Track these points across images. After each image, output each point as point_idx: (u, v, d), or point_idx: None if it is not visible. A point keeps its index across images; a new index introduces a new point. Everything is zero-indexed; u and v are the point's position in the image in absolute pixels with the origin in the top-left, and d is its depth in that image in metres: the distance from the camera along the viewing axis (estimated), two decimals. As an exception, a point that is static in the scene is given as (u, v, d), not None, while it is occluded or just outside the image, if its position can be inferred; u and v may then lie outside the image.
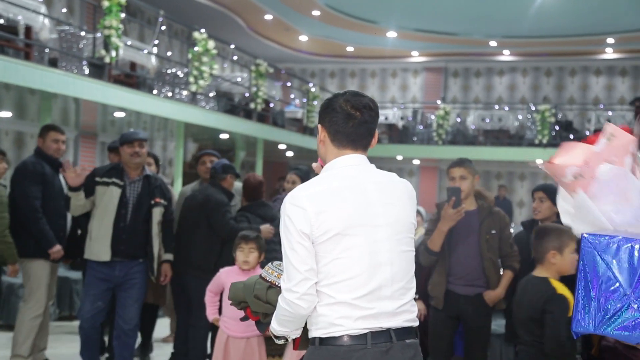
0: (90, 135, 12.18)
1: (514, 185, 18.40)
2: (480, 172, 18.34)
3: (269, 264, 2.42)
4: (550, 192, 4.23)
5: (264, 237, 4.96)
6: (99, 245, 4.61)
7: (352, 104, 2.21)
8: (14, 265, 4.99)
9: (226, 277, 4.15)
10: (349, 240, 2.11)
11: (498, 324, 5.00)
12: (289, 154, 16.32)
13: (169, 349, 5.81)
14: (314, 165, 2.51)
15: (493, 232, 4.19)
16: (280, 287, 2.24)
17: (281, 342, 2.30)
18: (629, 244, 1.74)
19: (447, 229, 4.06)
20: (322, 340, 2.13)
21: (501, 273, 4.32)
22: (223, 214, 5.03)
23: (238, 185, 5.75)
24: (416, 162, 18.40)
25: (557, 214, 4.14)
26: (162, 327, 6.75)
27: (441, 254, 4.18)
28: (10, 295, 6.63)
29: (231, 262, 4.45)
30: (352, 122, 2.20)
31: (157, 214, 4.80)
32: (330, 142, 2.24)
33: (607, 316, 1.72)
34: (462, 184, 4.14)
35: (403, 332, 2.17)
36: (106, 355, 5.56)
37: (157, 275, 4.88)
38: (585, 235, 1.79)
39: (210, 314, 4.30)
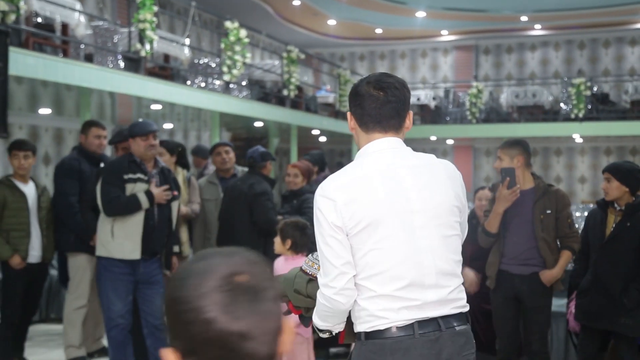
0: (126, 129, 12.31)
1: (550, 161, 18.15)
2: (516, 149, 18.09)
3: (310, 255, 2.33)
4: (615, 171, 4.13)
5: None
6: (127, 243, 4.43)
7: (374, 85, 2.14)
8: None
9: (282, 267, 4.03)
10: (384, 229, 2.03)
11: (560, 304, 4.92)
12: (322, 139, 16.30)
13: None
14: None
15: (548, 212, 4.10)
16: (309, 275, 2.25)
17: (326, 335, 2.24)
18: None
19: (502, 210, 4.03)
20: (368, 335, 2.06)
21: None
22: (263, 203, 5.05)
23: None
24: (450, 142, 18.25)
25: (629, 192, 4.09)
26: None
27: (498, 235, 4.15)
28: (61, 289, 6.76)
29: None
30: (376, 103, 2.13)
31: (175, 207, 4.71)
32: (359, 127, 2.17)
33: None
34: (500, 164, 4.12)
35: (452, 319, 2.10)
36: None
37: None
38: None
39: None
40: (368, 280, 2.04)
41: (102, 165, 5.31)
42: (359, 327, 2.08)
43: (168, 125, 13.19)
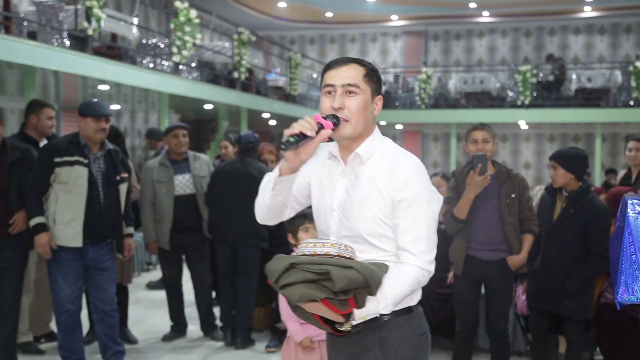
0: (72, 110, 11.99)
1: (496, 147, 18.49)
2: (462, 135, 18.45)
3: (318, 241, 2.08)
4: (560, 159, 4.23)
5: None
6: (68, 230, 4.31)
7: None
8: None
9: None
10: None
11: None
12: (272, 122, 16.21)
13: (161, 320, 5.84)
14: (310, 124, 2.03)
15: (513, 195, 4.18)
16: (349, 259, 2.05)
17: (348, 328, 2.08)
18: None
19: (474, 195, 4.06)
20: (417, 305, 2.20)
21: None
22: None
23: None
24: (399, 127, 18.39)
25: (575, 178, 4.20)
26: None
27: (466, 221, 4.17)
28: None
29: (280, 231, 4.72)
30: None
31: (123, 190, 4.61)
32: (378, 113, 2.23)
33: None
34: (484, 147, 4.13)
35: None
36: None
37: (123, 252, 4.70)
38: (633, 200, 1.71)
39: (299, 332, 3.65)
40: None
41: None
42: (414, 299, 2.17)
43: (115, 107, 12.90)
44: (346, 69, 2.12)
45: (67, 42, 7.79)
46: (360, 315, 2.05)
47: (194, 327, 5.93)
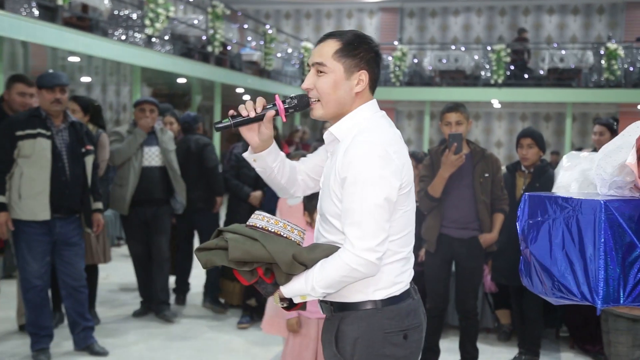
0: (41, 81, 11.77)
1: (469, 125, 18.59)
2: (436, 113, 18.47)
3: (258, 213, 2.07)
4: (538, 139, 4.46)
5: (254, 204, 5.44)
6: (35, 203, 4.23)
7: (380, 53, 2.12)
8: None
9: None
10: (411, 192, 2.02)
11: None
12: (246, 97, 16.09)
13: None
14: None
15: (486, 175, 4.22)
16: (297, 242, 2.01)
17: (284, 305, 2.02)
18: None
19: (448, 174, 4.07)
20: (384, 302, 2.00)
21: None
22: (211, 151, 5.92)
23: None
24: (373, 103, 18.38)
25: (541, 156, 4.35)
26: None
27: (440, 200, 4.19)
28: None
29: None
30: (380, 70, 2.12)
31: (89, 162, 4.54)
32: (369, 88, 2.07)
33: (634, 285, 1.65)
34: (458, 129, 4.11)
35: None
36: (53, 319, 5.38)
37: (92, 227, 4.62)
38: (608, 202, 1.68)
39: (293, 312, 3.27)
40: (394, 243, 2.00)
41: None
42: (374, 295, 2.00)
43: (85, 79, 12.70)
44: (322, 45, 2.03)
45: (36, 12, 7.62)
46: (288, 292, 1.97)
47: (165, 303, 5.91)
